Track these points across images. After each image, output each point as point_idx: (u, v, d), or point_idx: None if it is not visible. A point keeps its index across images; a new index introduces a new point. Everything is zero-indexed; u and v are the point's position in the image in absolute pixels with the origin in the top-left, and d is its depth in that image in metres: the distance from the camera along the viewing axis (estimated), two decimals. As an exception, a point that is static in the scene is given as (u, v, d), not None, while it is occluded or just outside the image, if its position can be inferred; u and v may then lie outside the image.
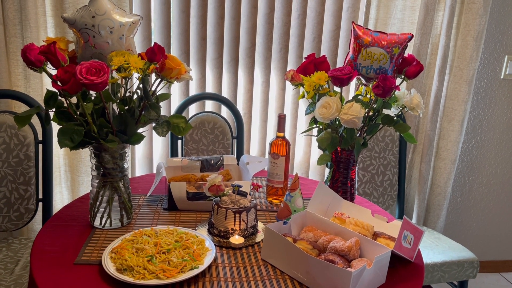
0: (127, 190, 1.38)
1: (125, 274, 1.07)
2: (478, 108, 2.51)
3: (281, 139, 1.55)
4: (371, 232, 1.27)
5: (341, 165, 1.52)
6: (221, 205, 1.30)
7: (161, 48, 1.23)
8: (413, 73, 1.42)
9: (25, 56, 1.14)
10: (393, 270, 1.19)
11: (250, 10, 2.12)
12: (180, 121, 1.33)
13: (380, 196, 2.23)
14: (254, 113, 2.29)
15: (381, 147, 2.20)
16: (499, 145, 2.59)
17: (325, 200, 1.39)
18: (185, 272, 1.09)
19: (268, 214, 1.52)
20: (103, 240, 1.28)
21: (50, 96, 1.20)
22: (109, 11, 1.24)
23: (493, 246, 2.77)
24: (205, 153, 2.11)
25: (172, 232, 1.25)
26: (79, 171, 2.09)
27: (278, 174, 1.56)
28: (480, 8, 2.17)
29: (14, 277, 1.55)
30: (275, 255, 1.19)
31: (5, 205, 1.76)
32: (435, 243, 2.06)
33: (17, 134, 1.75)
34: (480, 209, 2.69)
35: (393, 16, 2.20)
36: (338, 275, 1.03)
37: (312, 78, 1.42)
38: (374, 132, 1.48)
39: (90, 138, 1.24)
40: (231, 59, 2.17)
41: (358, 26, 1.43)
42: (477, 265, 1.94)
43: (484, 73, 2.45)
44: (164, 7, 2.05)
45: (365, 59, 1.40)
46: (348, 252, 1.15)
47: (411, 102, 1.40)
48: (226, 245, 1.28)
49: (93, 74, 1.10)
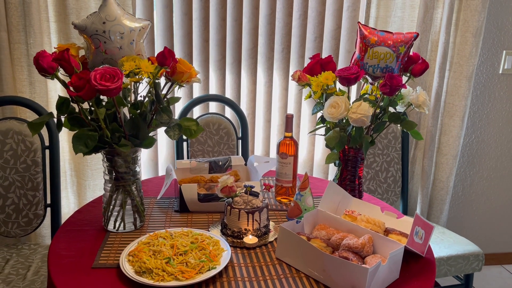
0: (140, 193, 1.39)
1: (144, 276, 1.09)
2: (478, 103, 2.54)
3: (289, 139, 1.56)
4: (383, 229, 1.29)
5: (349, 163, 1.54)
6: (234, 206, 1.32)
7: (171, 52, 1.24)
8: (419, 71, 1.44)
9: (37, 63, 1.15)
10: (405, 265, 1.22)
11: (252, 11, 2.13)
12: (192, 124, 1.34)
13: (384, 193, 2.26)
14: (258, 113, 2.30)
15: (384, 144, 2.23)
16: (498, 139, 2.63)
17: (335, 198, 1.41)
18: (203, 273, 1.11)
19: (278, 213, 1.54)
20: (118, 243, 1.29)
21: (62, 102, 1.21)
22: (119, 17, 1.25)
23: (495, 239, 2.81)
24: (210, 155, 2.12)
25: (187, 233, 1.27)
26: (85, 175, 2.10)
27: (287, 174, 1.58)
28: (479, 5, 2.19)
29: (27, 282, 1.55)
30: (290, 254, 1.21)
31: (14, 211, 1.76)
32: (440, 237, 2.09)
33: (24, 140, 1.75)
34: (482, 203, 2.73)
35: (393, 14, 2.22)
36: (355, 272, 1.05)
37: (320, 78, 1.44)
38: (381, 130, 1.51)
39: (103, 143, 1.25)
40: (234, 60, 2.18)
41: (364, 26, 1.45)
42: (482, 258, 1.97)
43: (483, 69, 2.48)
44: (166, 10, 2.06)
45: (372, 58, 1.42)
46: (362, 249, 1.17)
47: (417, 99, 1.43)
48: (240, 245, 1.30)
49: (107, 80, 1.11)
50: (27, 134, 1.75)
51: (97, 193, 2.13)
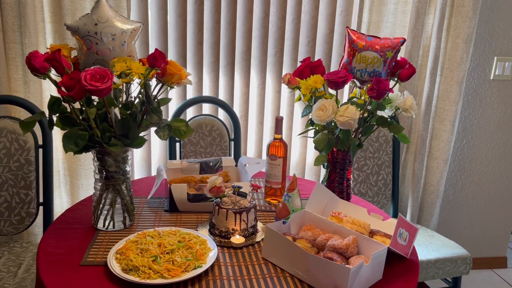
0: (130, 192, 1.41)
1: (131, 274, 1.10)
2: (469, 108, 2.57)
3: (279, 140, 1.59)
4: (368, 230, 1.32)
5: (337, 166, 1.57)
6: (222, 206, 1.34)
7: (162, 54, 1.26)
8: (406, 76, 1.47)
9: (30, 63, 1.17)
10: (389, 266, 1.24)
11: (246, 14, 2.16)
12: (181, 125, 1.36)
13: (375, 196, 2.28)
14: (251, 116, 2.33)
15: (375, 148, 2.25)
16: (489, 144, 2.65)
17: (322, 200, 1.44)
18: (189, 271, 1.13)
19: (267, 214, 1.56)
20: (107, 241, 1.31)
21: (54, 101, 1.23)
22: (111, 18, 1.27)
23: (485, 243, 2.83)
24: (203, 155, 2.14)
25: (175, 232, 1.29)
26: (78, 174, 2.11)
27: (276, 175, 1.60)
28: (470, 11, 2.22)
29: (18, 280, 1.57)
30: (276, 254, 1.23)
31: (6, 209, 1.78)
32: (429, 240, 2.11)
33: (18, 139, 1.77)
34: (472, 207, 2.75)
35: (385, 20, 2.25)
36: (337, 271, 1.07)
37: (309, 81, 1.46)
38: (369, 133, 1.53)
39: (93, 142, 1.27)
40: (228, 63, 2.21)
41: (352, 31, 1.47)
42: (470, 262, 1.99)
43: (474, 74, 2.51)
44: (161, 12, 2.08)
45: (360, 62, 1.45)
46: (346, 249, 1.19)
47: (404, 103, 1.45)
48: (227, 244, 1.31)
49: (98, 80, 1.13)
50: (20, 133, 1.76)
51: (89, 192, 2.14)
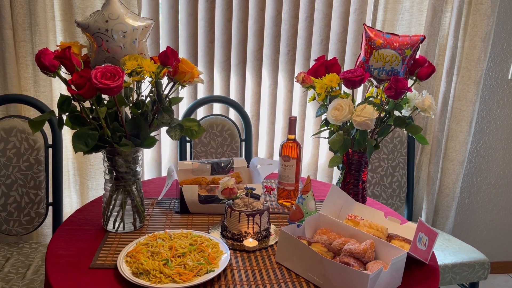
0: (140, 194, 1.38)
1: (141, 278, 1.07)
2: (486, 109, 2.50)
3: (292, 141, 1.55)
4: (385, 234, 1.27)
5: (352, 167, 1.52)
6: (234, 208, 1.30)
7: (174, 51, 1.23)
8: (425, 75, 1.42)
9: (39, 61, 1.14)
10: (408, 272, 1.19)
11: (258, 12, 2.12)
12: (193, 125, 1.33)
13: (389, 198, 2.23)
14: (262, 116, 2.29)
15: (389, 149, 2.20)
16: (507, 146, 2.58)
17: (338, 203, 1.39)
18: (201, 276, 1.09)
19: (280, 216, 1.52)
20: (117, 244, 1.28)
21: (63, 100, 1.20)
22: (122, 15, 1.24)
23: (501, 247, 2.76)
24: (213, 156, 2.11)
25: (186, 235, 1.25)
26: (88, 174, 2.09)
27: (289, 177, 1.56)
28: (488, 9, 2.16)
29: (26, 281, 1.55)
30: (290, 258, 1.19)
31: (16, 209, 1.76)
32: (445, 244, 2.05)
33: (28, 138, 1.75)
34: (488, 210, 2.68)
35: (400, 18, 2.20)
36: (355, 277, 1.03)
37: (324, 80, 1.42)
38: (386, 134, 1.48)
39: (103, 142, 1.24)
40: (239, 62, 2.17)
41: (369, 28, 1.43)
42: (488, 267, 1.93)
43: (492, 74, 2.45)
44: (172, 10, 2.05)
45: (377, 61, 1.40)
46: (363, 254, 1.15)
47: (423, 103, 1.40)
48: (240, 248, 1.28)
49: (108, 78, 1.10)
50: (30, 132, 1.75)
51: (99, 192, 2.12)
